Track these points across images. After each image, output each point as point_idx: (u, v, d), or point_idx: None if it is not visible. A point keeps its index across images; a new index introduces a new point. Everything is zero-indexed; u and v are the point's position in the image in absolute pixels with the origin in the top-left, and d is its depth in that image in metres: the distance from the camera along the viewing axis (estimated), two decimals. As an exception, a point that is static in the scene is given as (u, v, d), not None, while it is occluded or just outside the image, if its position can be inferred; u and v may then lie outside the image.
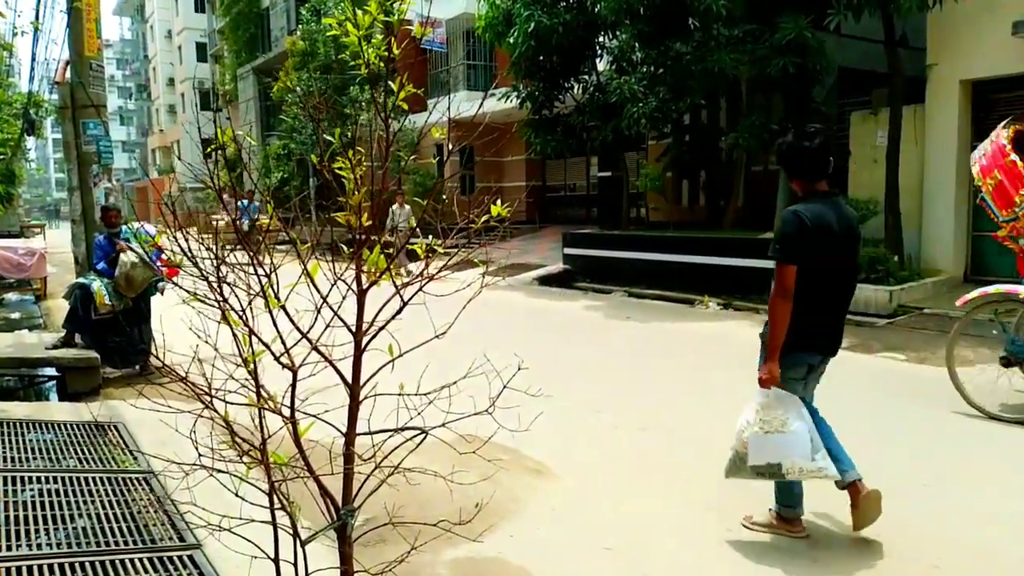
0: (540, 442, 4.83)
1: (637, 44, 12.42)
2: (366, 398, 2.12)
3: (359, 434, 2.12)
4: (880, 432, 4.99)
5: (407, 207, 13.55)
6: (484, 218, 2.17)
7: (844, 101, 12.43)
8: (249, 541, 2.22)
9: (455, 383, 2.17)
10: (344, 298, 2.03)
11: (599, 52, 13.60)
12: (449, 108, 2.29)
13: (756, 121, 11.12)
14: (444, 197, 2.86)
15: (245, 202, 15.43)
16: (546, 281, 13.85)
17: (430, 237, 2.21)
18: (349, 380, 2.10)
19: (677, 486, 4.15)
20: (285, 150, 24.11)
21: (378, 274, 2.05)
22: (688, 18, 11.34)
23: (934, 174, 10.31)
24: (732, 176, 12.92)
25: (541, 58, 13.32)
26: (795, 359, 3.33)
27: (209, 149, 2.22)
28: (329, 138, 2.09)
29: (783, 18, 10.28)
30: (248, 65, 31.15)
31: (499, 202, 2.09)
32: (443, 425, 2.20)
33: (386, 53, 2.01)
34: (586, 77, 13.83)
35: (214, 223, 2.23)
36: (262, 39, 32.62)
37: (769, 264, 3.37)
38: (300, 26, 22.44)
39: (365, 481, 2.14)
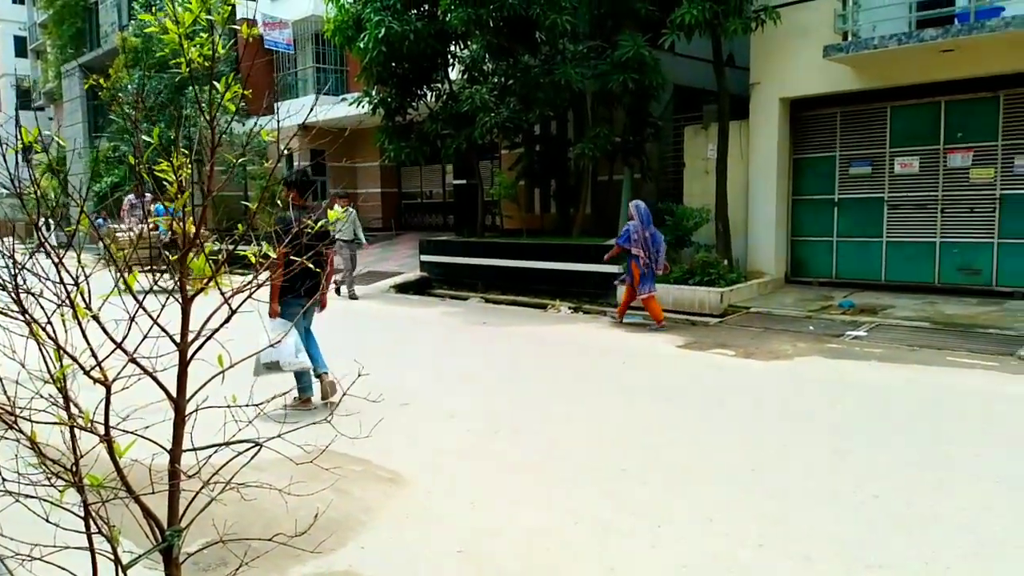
0: (394, 451, 4.80)
1: (487, 55, 12.65)
2: (193, 412, 2.02)
3: (185, 450, 2.02)
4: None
5: (352, 210, 12.76)
6: (320, 223, 2.14)
7: (679, 116, 13.29)
8: (64, 569, 2.05)
9: (287, 392, 2.12)
10: (163, 307, 1.93)
11: (451, 61, 13.71)
12: (312, 109, 2.24)
13: (600, 133, 11.65)
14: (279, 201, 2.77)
15: (149, 200, 14.10)
16: (403, 289, 13.75)
17: (263, 244, 2.14)
18: (174, 394, 2.00)
19: (529, 487, 4.26)
20: (116, 152, 22.38)
21: (204, 282, 1.96)
22: (536, 32, 11.70)
23: (758, 184, 11.25)
24: (580, 185, 13.43)
25: (393, 64, 13.22)
26: (289, 303, 5.62)
27: (13, 149, 2.04)
28: (148, 139, 1.98)
29: (622, 36, 10.87)
30: (75, 62, 28.70)
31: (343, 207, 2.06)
32: (279, 436, 2.14)
33: (210, 52, 1.93)
34: (439, 85, 13.89)
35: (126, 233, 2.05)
36: (90, 34, 30.15)
37: (610, 269, 3.55)
38: (132, 22, 20.90)
39: (192, 500, 2.04)
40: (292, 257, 2.10)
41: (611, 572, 3.24)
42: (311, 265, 2.11)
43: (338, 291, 12.58)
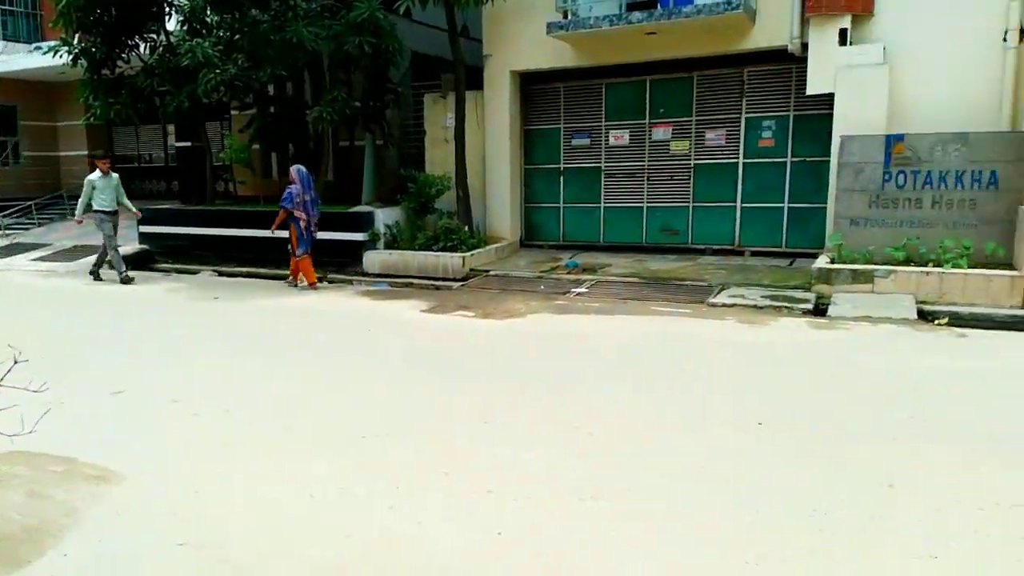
0: (106, 444, 4.32)
1: (209, 6, 11.62)
2: None
3: None
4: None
5: (114, 175, 10.56)
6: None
7: (418, 83, 13.36)
8: None
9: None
10: None
11: (167, 10, 12.37)
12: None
13: (338, 96, 11.32)
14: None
15: None
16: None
17: None
18: None
19: (262, 466, 4.09)
20: None
21: None
22: (263, -15, 10.98)
23: (494, 153, 11.75)
24: (320, 150, 12.99)
25: (98, 10, 11.62)
26: None
27: None
28: None
29: (358, -3, 10.61)
30: None
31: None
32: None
33: None
34: (154, 36, 12.49)
35: None
36: None
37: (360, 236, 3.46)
38: None
39: None
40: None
41: (347, 538, 3.24)
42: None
43: (97, 275, 10.94)
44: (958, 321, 7.12)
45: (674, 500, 3.53)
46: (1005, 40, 8.38)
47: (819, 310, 7.70)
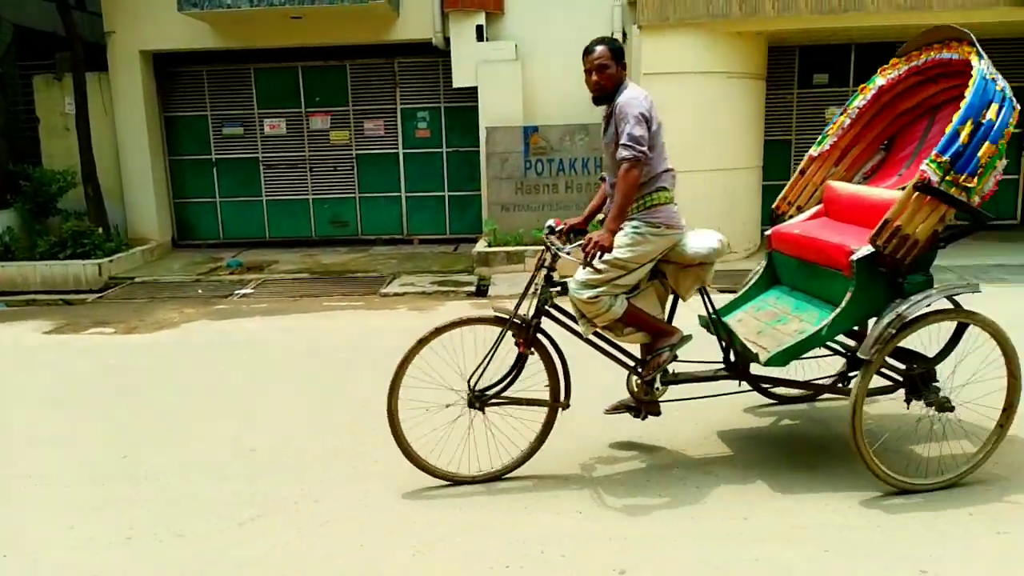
0: None
1: None
2: None
3: None
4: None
5: None
6: None
7: (26, 63, 11.25)
8: None
9: None
10: None
11: None
12: None
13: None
14: None
15: None
16: None
17: None
18: None
19: None
20: None
21: None
22: None
23: (128, 143, 10.40)
24: None
25: None
26: None
27: None
28: None
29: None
30: None
31: None
32: None
33: None
34: None
35: None
36: None
37: None
38: None
39: None
40: None
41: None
42: None
43: None
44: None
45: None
46: (612, 43, 9.64)
47: (481, 291, 8.17)
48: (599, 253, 3.28)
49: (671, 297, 3.69)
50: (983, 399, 3.51)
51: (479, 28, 9.51)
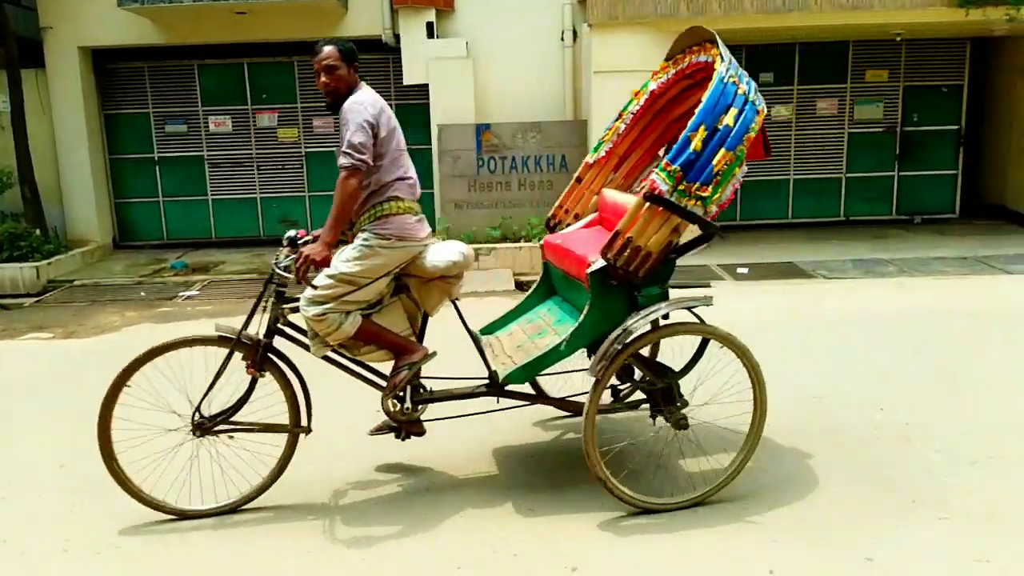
0: None
1: None
2: None
3: None
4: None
5: None
6: None
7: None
8: None
9: None
10: None
11: None
12: None
13: None
14: None
15: None
16: None
17: None
18: None
19: None
20: None
21: None
22: None
23: (66, 142, 10.03)
24: None
25: None
26: None
27: None
28: None
29: None
30: None
31: None
32: None
33: None
34: None
35: None
36: None
37: None
38: None
39: None
40: None
41: None
42: None
43: None
44: (547, 288, 8.09)
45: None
46: (563, 39, 9.67)
47: (433, 290, 8.10)
48: (309, 268, 3.09)
49: (423, 312, 3.47)
50: (735, 416, 3.40)
51: (429, 25, 9.44)
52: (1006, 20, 8.19)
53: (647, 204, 3.00)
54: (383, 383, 3.36)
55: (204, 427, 3.27)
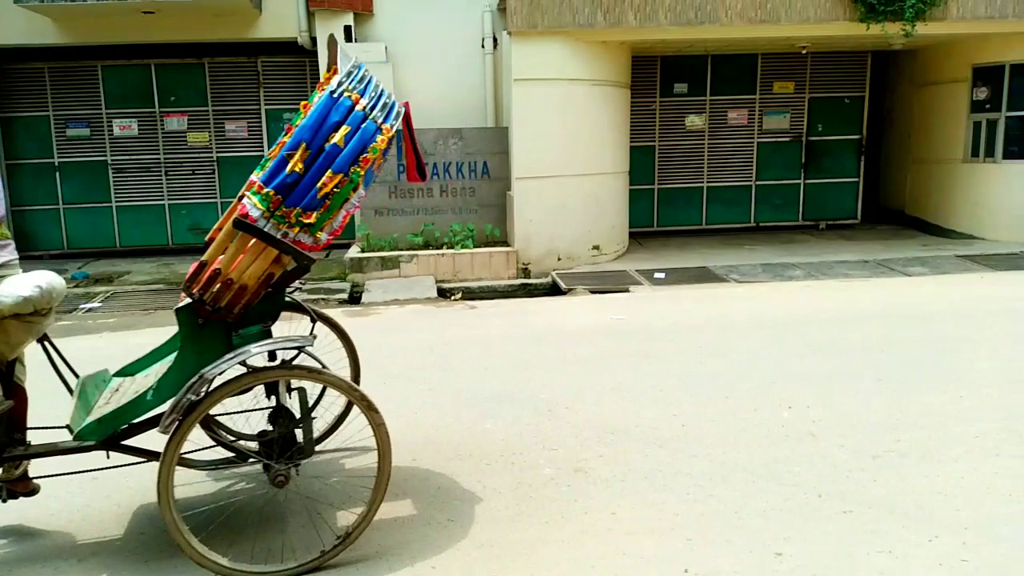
0: None
1: None
2: None
3: None
4: None
5: None
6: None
7: None
8: None
9: None
10: None
11: None
12: None
13: None
14: None
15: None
16: None
17: None
18: None
19: None
20: None
21: None
22: None
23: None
24: None
25: None
26: None
27: None
28: None
29: None
30: None
31: None
32: None
33: None
34: None
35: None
36: None
37: None
38: None
39: None
40: None
41: None
42: None
43: None
44: (470, 295, 8.06)
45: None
46: (483, 46, 9.68)
47: (354, 298, 7.96)
48: None
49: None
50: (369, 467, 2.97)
51: (347, 28, 9.29)
52: (903, 35, 8.69)
53: (239, 232, 2.64)
54: None
55: None
